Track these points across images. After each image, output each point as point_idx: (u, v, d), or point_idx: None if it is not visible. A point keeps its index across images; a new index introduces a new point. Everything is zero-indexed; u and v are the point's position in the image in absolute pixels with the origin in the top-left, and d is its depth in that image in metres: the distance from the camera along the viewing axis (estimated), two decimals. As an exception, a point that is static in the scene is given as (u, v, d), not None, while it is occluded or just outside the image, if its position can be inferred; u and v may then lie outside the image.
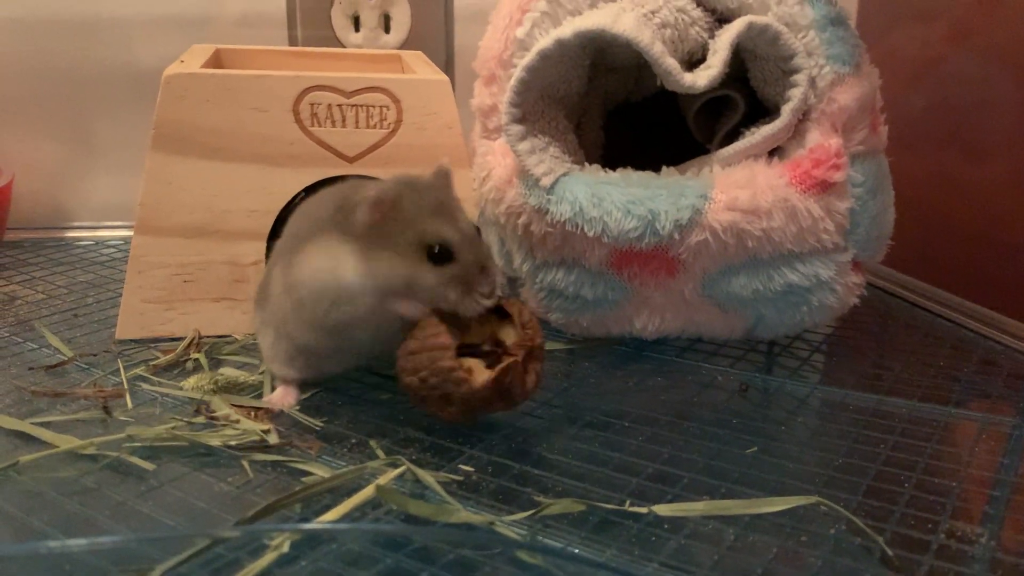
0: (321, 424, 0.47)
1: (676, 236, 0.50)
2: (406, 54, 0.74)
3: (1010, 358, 0.59)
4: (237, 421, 0.46)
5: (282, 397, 0.49)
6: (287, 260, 0.48)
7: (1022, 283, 0.63)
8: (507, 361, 0.44)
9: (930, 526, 0.39)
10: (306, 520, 0.38)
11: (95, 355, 0.55)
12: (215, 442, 0.44)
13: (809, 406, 0.52)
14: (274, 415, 0.48)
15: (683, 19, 0.51)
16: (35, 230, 0.83)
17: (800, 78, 0.50)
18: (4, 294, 0.67)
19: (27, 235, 0.82)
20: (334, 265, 0.45)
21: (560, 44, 0.49)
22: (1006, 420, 0.49)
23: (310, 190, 0.59)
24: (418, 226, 0.44)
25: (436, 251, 0.44)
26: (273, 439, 0.45)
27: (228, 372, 0.52)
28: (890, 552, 0.36)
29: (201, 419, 0.47)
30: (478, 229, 0.46)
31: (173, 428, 0.45)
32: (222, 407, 0.48)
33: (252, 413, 0.48)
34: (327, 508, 0.39)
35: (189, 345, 0.57)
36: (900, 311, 0.69)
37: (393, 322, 0.45)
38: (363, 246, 0.44)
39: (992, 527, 0.39)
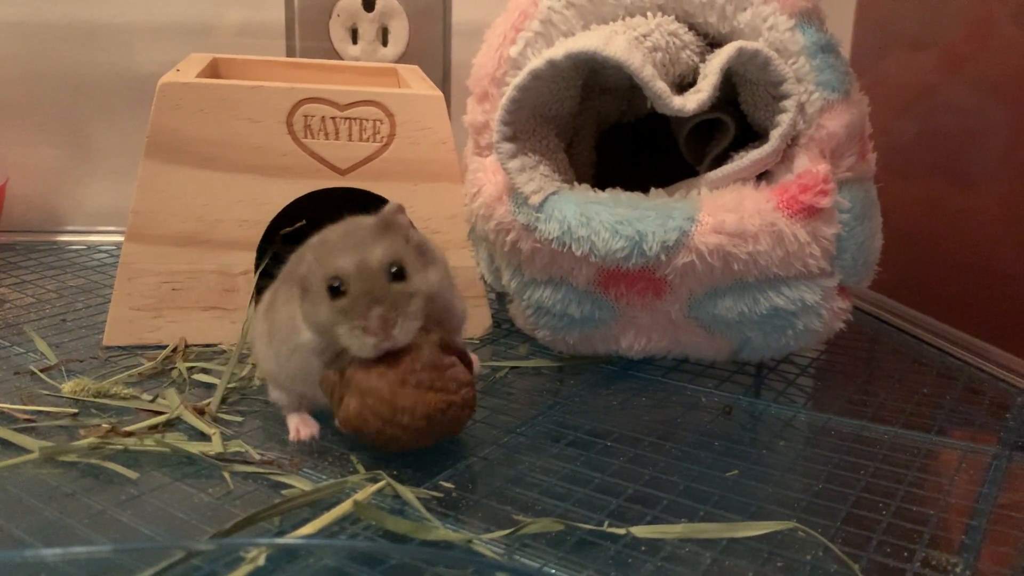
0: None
1: (663, 257, 0.50)
2: (403, 68, 0.74)
3: (994, 387, 0.59)
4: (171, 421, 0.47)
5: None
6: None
7: (1008, 312, 0.63)
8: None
9: (906, 554, 0.39)
10: (283, 534, 0.38)
11: (82, 361, 0.55)
12: (196, 451, 0.44)
13: (793, 429, 0.52)
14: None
15: (674, 43, 0.52)
16: (27, 233, 0.83)
17: (789, 104, 0.51)
18: (-7, 297, 0.67)
19: (19, 238, 0.82)
20: (287, 312, 0.46)
21: (552, 65, 0.49)
22: (987, 449, 0.50)
23: (301, 202, 0.59)
24: (324, 264, 0.43)
25: (333, 285, 0.42)
26: (217, 443, 0.45)
27: (110, 382, 0.51)
28: (865, 580, 0.37)
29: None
30: (400, 268, 0.42)
31: (160, 435, 0.45)
32: (175, 402, 0.48)
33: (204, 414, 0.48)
34: (305, 521, 0.39)
35: (173, 353, 0.57)
36: (887, 337, 0.69)
37: None
38: (300, 293, 0.44)
39: (968, 557, 0.39)
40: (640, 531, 0.39)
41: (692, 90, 0.50)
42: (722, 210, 0.50)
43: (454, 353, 0.44)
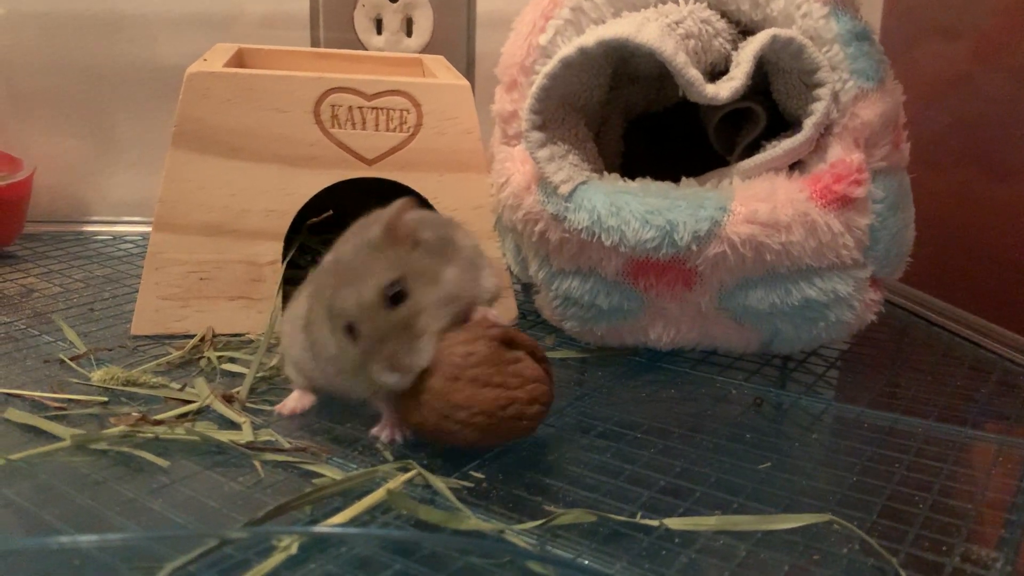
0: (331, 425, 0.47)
1: (694, 248, 0.50)
2: (427, 58, 0.74)
3: (1029, 380, 0.58)
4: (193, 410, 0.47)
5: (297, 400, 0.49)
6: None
7: (1042, 305, 0.62)
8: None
9: (945, 548, 0.38)
10: (315, 522, 0.38)
11: (110, 350, 0.56)
12: (226, 440, 0.44)
13: (823, 423, 0.51)
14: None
15: (707, 30, 0.51)
16: (54, 223, 0.84)
17: (823, 92, 0.50)
18: (22, 286, 0.67)
19: (46, 228, 0.82)
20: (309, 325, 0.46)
21: (583, 52, 0.49)
22: (1023, 443, 0.49)
23: (328, 192, 0.59)
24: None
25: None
26: (247, 431, 0.45)
27: (139, 371, 0.51)
28: (904, 574, 0.36)
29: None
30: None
31: (191, 424, 0.45)
32: (204, 391, 0.49)
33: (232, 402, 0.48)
34: (337, 510, 0.39)
35: (201, 342, 0.57)
36: (917, 329, 0.68)
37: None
38: (330, 326, 0.43)
39: (1008, 551, 0.38)
40: (673, 523, 0.39)
41: (725, 78, 0.49)
42: (754, 200, 0.49)
43: (523, 347, 0.44)
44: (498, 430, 0.42)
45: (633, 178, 0.53)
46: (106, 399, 0.48)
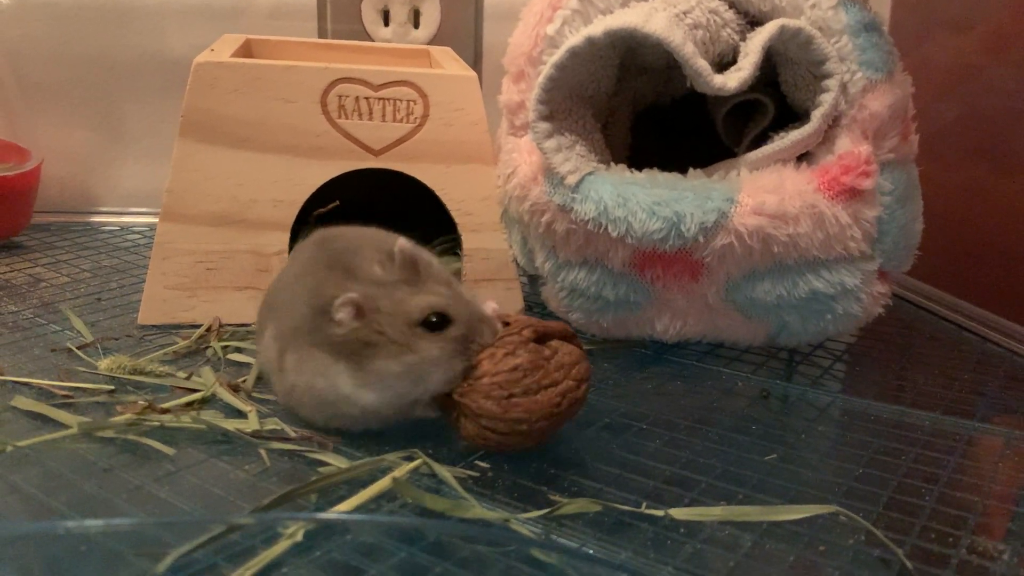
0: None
1: (701, 239, 0.49)
2: (435, 49, 0.74)
3: (1037, 374, 0.58)
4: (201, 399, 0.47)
5: None
6: (280, 347, 0.45)
7: (1051, 299, 0.62)
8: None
9: (951, 540, 0.38)
10: (321, 510, 0.38)
11: (117, 339, 0.56)
12: (232, 428, 0.44)
13: (829, 415, 0.51)
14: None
15: (715, 21, 0.51)
16: (62, 214, 0.84)
17: (831, 83, 0.50)
18: (30, 276, 0.68)
19: (54, 219, 0.83)
20: (330, 383, 0.43)
21: (590, 42, 0.49)
22: (1031, 436, 0.49)
23: (334, 182, 0.59)
24: (405, 309, 0.42)
25: (434, 320, 0.42)
26: (253, 420, 0.45)
27: (145, 360, 0.51)
28: (910, 565, 0.36)
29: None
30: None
31: (197, 412, 0.46)
32: (210, 380, 0.49)
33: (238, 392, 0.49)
34: (342, 499, 0.39)
35: (208, 332, 0.57)
36: (925, 323, 0.68)
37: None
38: (353, 354, 0.42)
39: (1015, 544, 0.38)
40: (678, 513, 0.39)
41: (733, 68, 0.49)
42: (762, 191, 0.49)
43: (555, 336, 0.44)
44: (559, 423, 0.43)
45: (641, 170, 0.53)
46: (113, 387, 0.49)
